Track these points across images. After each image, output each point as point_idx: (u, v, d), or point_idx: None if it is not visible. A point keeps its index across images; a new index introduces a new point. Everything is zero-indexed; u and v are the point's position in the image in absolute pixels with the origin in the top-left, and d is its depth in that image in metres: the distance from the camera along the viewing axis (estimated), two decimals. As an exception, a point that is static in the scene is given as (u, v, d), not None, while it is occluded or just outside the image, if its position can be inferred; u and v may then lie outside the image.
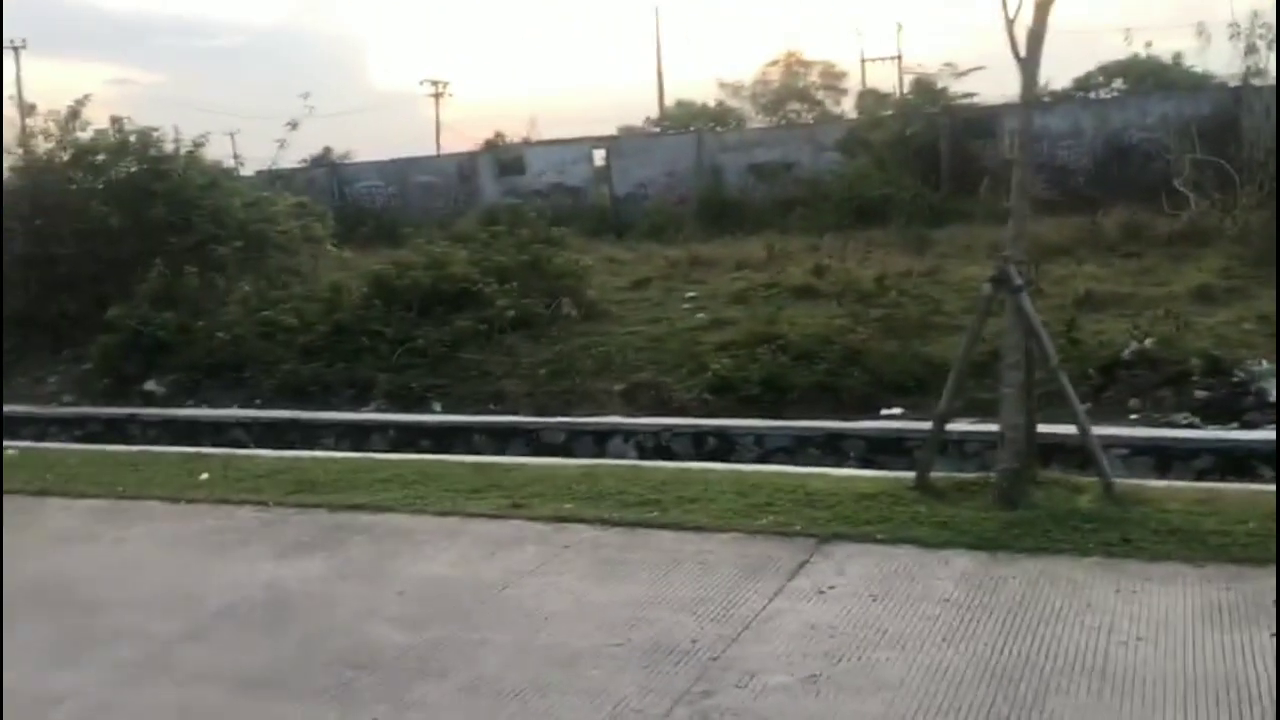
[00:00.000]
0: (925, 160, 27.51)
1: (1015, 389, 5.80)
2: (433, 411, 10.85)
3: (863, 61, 45.95)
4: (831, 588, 4.69)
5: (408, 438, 10.45)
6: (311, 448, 10.55)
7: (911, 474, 6.42)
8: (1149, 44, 31.26)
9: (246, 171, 21.92)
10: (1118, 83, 35.88)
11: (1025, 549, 4.97)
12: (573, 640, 4.30)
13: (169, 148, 14.29)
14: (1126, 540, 4.94)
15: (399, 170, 34.18)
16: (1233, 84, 25.24)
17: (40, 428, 11.56)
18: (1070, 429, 5.97)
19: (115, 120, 14.19)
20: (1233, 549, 4.75)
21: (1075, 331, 9.40)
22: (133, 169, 14.04)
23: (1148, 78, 34.37)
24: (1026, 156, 5.80)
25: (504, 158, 33.23)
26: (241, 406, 11.56)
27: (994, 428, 8.61)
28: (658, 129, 42.75)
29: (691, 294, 14.37)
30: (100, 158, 14.16)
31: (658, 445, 9.40)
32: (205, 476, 7.62)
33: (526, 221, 14.08)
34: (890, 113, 33.33)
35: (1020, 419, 5.82)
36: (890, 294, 11.95)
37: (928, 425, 8.70)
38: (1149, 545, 4.88)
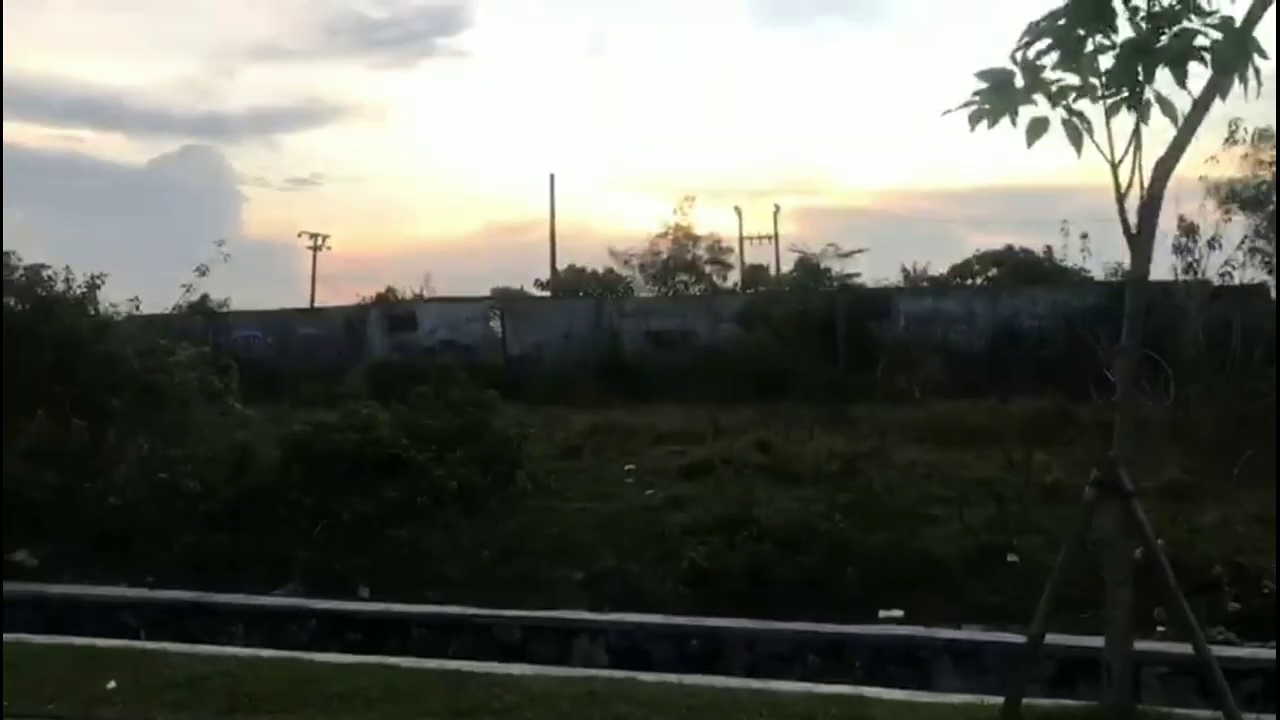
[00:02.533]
0: (822, 337, 27.76)
1: (1125, 610, 5.04)
2: (360, 597, 9.53)
3: (741, 239, 47.41)
4: None
5: (332, 629, 9.10)
6: (215, 637, 9.14)
7: (982, 698, 5.63)
8: (1049, 249, 33.07)
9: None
10: (992, 271, 37.31)
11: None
12: None
13: (59, 287, 12.87)
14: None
15: (281, 321, 32.85)
16: (1111, 279, 26.52)
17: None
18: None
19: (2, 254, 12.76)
20: None
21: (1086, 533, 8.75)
22: (17, 308, 12.55)
23: (1020, 268, 35.90)
24: (1136, 343, 5.21)
25: (395, 313, 32.24)
26: (131, 584, 9.99)
27: (1011, 638, 7.93)
28: (547, 293, 42.70)
29: (630, 467, 13.49)
30: (-23, 295, 12.64)
31: (632, 647, 8.30)
32: (113, 685, 6.23)
33: (456, 381, 13.03)
34: (788, 289, 33.94)
35: (1131, 645, 5.05)
36: (858, 478, 11.28)
37: (939, 633, 7.96)
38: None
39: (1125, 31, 5.14)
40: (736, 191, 70.39)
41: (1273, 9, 4.61)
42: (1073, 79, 5.21)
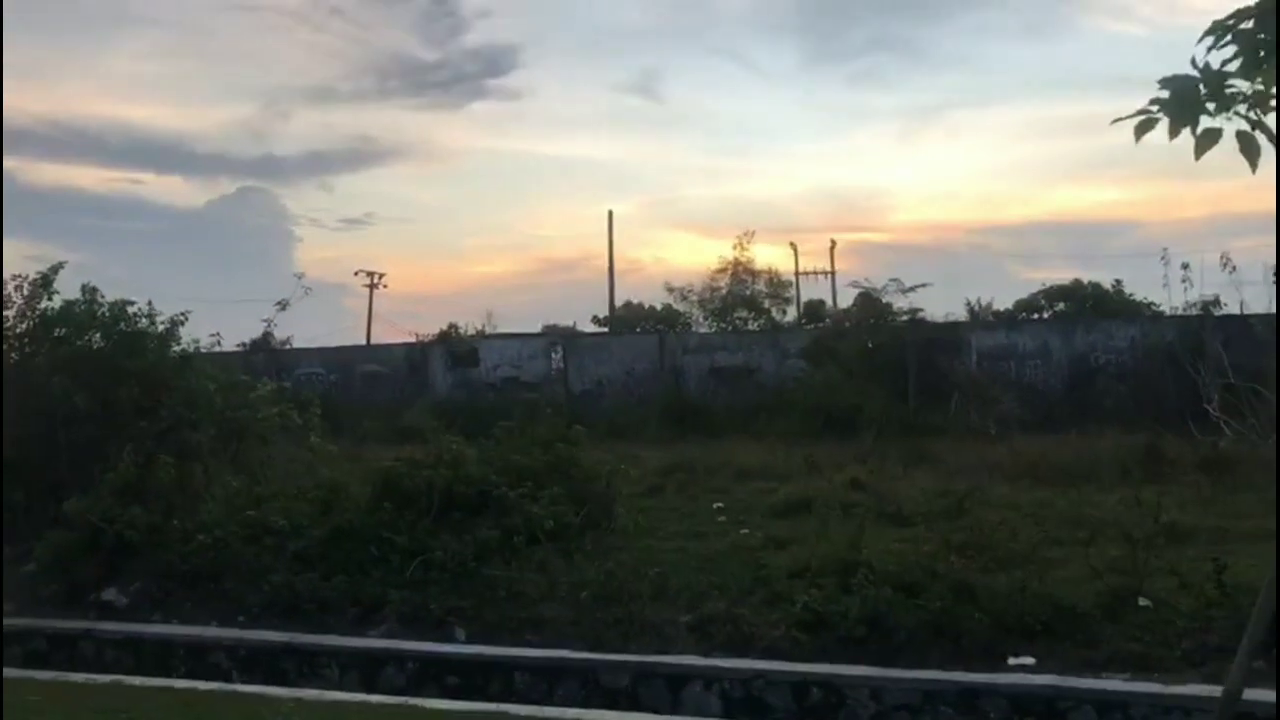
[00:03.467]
0: (891, 372, 27.18)
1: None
2: (457, 640, 9.19)
3: (797, 274, 47.01)
4: None
5: (430, 673, 8.80)
6: (310, 679, 8.88)
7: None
8: (1118, 282, 32.57)
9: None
10: (1059, 306, 36.54)
11: None
12: None
13: (143, 323, 12.79)
14: None
15: (343, 358, 32.86)
16: (1192, 312, 25.69)
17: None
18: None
19: (87, 290, 12.72)
20: None
21: (1225, 576, 8.23)
22: (101, 343, 12.48)
23: (1088, 301, 35.15)
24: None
25: (457, 349, 32.09)
26: (222, 624, 9.74)
27: (1159, 689, 7.42)
28: (605, 329, 42.47)
29: (719, 505, 13.11)
30: (63, 330, 12.58)
31: (747, 696, 7.90)
32: (228, 734, 5.95)
33: (542, 417, 12.74)
34: (848, 324, 33.35)
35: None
36: (965, 517, 10.80)
37: (1081, 683, 7.46)
38: None
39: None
40: (788, 228, 69.86)
41: None
42: (1247, 86, 4.83)
